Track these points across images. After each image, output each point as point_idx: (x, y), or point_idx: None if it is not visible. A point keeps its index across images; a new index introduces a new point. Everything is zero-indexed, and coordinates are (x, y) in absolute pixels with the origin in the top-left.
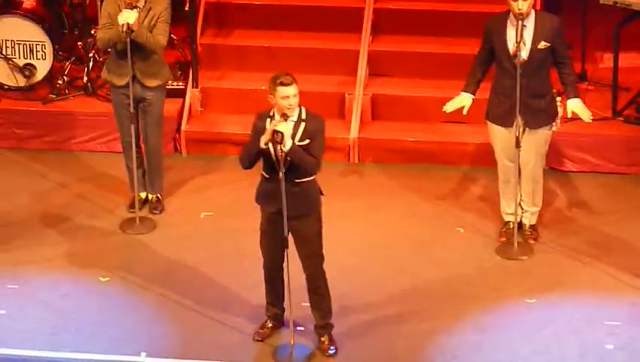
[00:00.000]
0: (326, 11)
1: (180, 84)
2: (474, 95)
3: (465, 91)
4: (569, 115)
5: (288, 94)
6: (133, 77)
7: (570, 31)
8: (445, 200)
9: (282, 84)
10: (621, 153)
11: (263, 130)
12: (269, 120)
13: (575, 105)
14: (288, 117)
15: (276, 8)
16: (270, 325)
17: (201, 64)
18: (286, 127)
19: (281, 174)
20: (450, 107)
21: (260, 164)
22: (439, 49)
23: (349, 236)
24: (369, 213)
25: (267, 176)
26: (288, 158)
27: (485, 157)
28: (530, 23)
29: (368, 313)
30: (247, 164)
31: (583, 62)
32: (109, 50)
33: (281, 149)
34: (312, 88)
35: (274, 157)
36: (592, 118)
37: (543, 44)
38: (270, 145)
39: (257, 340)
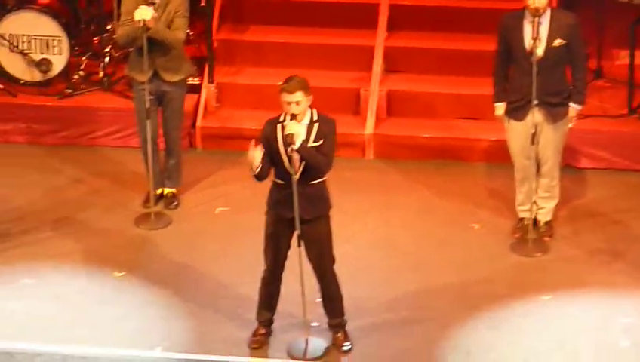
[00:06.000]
0: (342, 7)
1: (196, 79)
2: (505, 101)
3: (497, 101)
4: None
5: (289, 100)
6: (155, 72)
7: (586, 28)
8: (460, 197)
9: (284, 90)
10: (637, 150)
11: (270, 136)
12: (279, 125)
13: (571, 110)
14: (296, 119)
15: (292, 4)
16: (263, 331)
17: (216, 60)
18: (296, 128)
19: (294, 175)
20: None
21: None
22: (455, 45)
23: (363, 233)
24: (383, 210)
25: (280, 183)
26: (300, 158)
27: (500, 154)
28: (546, 20)
29: (382, 310)
30: (262, 174)
31: (599, 59)
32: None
33: (292, 149)
34: (328, 84)
35: (287, 161)
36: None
37: (558, 42)
38: (284, 149)
39: (254, 348)
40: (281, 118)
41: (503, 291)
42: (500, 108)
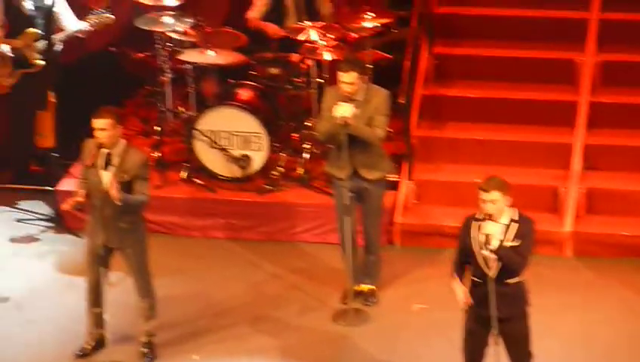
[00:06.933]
0: (539, 105)
1: (395, 176)
2: None
3: None
4: None
5: (485, 199)
6: (354, 169)
7: None
8: None
9: (481, 188)
10: None
11: (465, 233)
12: (475, 224)
13: None
14: (492, 218)
15: (490, 102)
16: None
17: (415, 156)
18: (492, 228)
19: (490, 274)
20: None
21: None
22: None
23: (561, 331)
24: (582, 308)
25: (477, 281)
26: (496, 258)
27: None
28: None
29: None
30: (457, 270)
31: None
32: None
33: (488, 249)
34: (526, 181)
35: (482, 260)
36: None
37: None
38: (479, 248)
39: None
40: (478, 216)
41: None
42: None
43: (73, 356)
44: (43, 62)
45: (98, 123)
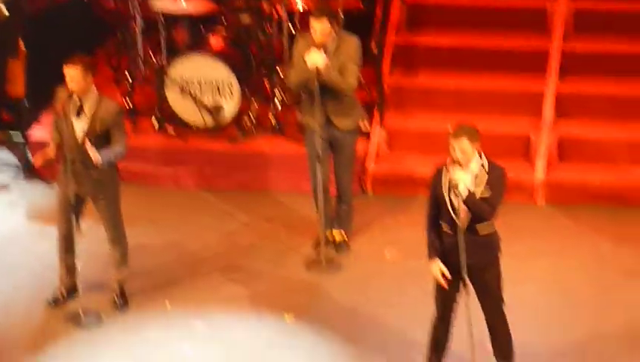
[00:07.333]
0: (512, 54)
1: (367, 124)
2: None
3: None
4: None
5: (454, 145)
6: (326, 118)
7: None
8: (634, 243)
9: (450, 135)
10: None
11: (435, 181)
12: (444, 170)
13: None
14: (461, 164)
15: (462, 49)
16: None
17: (387, 105)
18: (461, 175)
19: (459, 222)
20: None
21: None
22: (628, 91)
23: (532, 277)
24: (553, 255)
25: (447, 231)
26: (466, 207)
27: None
28: None
29: (551, 355)
30: (432, 228)
31: None
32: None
33: (457, 196)
34: (498, 129)
35: (452, 208)
36: None
37: None
38: (448, 195)
39: None
40: (448, 164)
41: None
42: None
43: (45, 303)
44: (7, 11)
45: (69, 70)
